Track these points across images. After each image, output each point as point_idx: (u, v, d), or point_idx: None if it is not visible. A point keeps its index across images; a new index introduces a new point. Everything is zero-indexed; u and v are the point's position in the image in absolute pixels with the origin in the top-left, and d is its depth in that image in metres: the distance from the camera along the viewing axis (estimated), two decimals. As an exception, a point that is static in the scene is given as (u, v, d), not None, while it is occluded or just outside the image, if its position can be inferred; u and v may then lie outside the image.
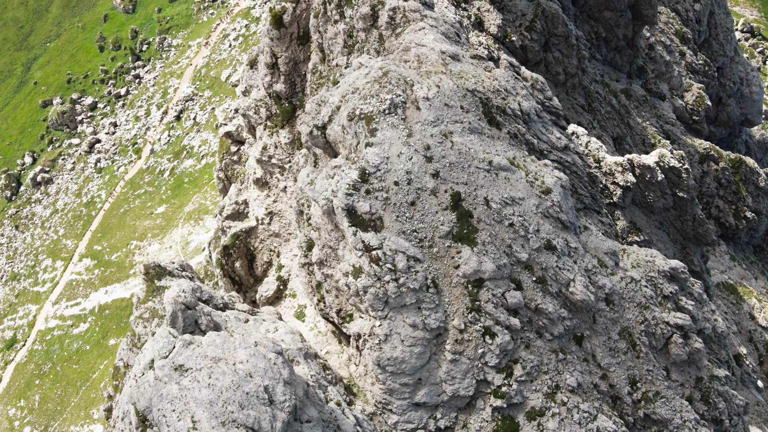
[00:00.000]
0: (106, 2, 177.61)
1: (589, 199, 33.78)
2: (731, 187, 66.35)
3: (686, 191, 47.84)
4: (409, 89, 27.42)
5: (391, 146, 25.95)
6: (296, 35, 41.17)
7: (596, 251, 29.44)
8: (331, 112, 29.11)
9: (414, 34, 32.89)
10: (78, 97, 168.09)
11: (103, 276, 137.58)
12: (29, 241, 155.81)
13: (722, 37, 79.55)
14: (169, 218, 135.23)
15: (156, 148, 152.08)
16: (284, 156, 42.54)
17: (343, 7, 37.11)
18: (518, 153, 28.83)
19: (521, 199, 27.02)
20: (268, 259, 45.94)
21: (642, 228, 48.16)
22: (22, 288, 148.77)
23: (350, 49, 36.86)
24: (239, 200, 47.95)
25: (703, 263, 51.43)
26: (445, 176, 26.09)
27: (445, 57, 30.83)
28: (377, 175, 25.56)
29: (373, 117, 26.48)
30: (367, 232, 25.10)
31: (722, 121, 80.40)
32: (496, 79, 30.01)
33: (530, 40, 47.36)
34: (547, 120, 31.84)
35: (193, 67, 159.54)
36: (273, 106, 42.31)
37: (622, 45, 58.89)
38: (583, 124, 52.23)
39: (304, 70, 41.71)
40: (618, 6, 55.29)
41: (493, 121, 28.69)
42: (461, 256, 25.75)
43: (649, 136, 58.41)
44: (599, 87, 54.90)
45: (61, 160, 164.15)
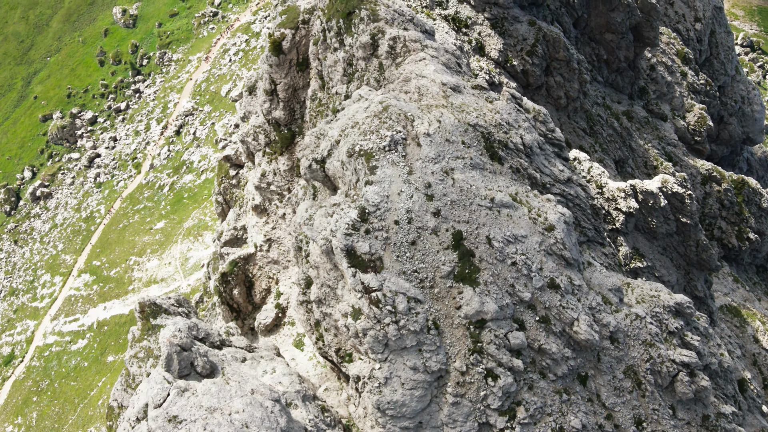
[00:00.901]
0: (107, 17, 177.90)
1: (593, 231, 33.26)
2: (734, 208, 65.88)
3: (689, 217, 47.34)
4: (410, 125, 26.96)
5: (391, 184, 25.46)
6: (295, 62, 40.79)
7: (600, 288, 28.88)
8: (330, 146, 28.64)
9: (415, 64, 32.49)
10: (78, 111, 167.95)
11: (101, 292, 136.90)
12: (28, 256, 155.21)
13: (723, 56, 79.31)
14: (169, 234, 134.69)
15: (156, 163, 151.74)
16: (283, 183, 42.06)
17: (343, 35, 36.75)
18: (521, 188, 28.33)
19: (524, 236, 26.51)
20: (267, 286, 45.39)
21: (645, 254, 47.63)
22: (20, 303, 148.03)
23: (350, 77, 36.47)
24: (238, 226, 47.44)
25: (707, 288, 50.86)
26: (447, 215, 25.59)
27: (446, 89, 30.40)
28: (377, 215, 25.05)
29: (373, 154, 26.00)
30: (367, 273, 24.56)
31: (724, 139, 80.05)
32: (497, 112, 29.56)
33: (531, 65, 47.00)
34: (550, 152, 31.37)
35: (193, 81, 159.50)
36: (272, 132, 41.88)
37: (623, 67, 58.57)
38: (585, 147, 51.80)
39: (303, 96, 41.31)
40: (619, 28, 54.97)
41: (495, 156, 28.22)
42: (463, 296, 25.20)
43: (651, 158, 57.97)
44: (601, 110, 54.51)
45: (60, 175, 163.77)
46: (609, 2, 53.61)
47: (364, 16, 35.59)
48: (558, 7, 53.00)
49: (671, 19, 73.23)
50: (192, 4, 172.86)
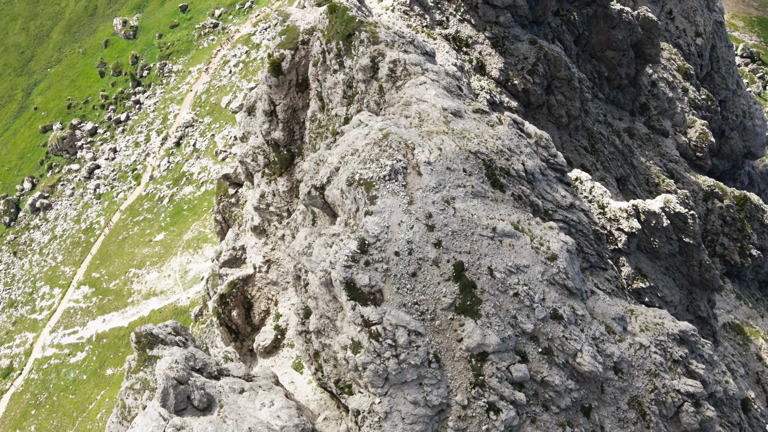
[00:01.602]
0: (107, 28, 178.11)
1: (596, 257, 32.87)
2: (736, 224, 65.51)
3: (692, 237, 46.93)
4: (410, 153, 26.60)
5: (391, 215, 25.08)
6: (295, 82, 40.48)
7: (604, 317, 28.46)
8: (330, 173, 28.28)
9: (415, 88, 32.17)
10: (78, 122, 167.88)
11: (101, 304, 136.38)
12: (27, 267, 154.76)
13: (724, 70, 79.14)
14: (168, 246, 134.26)
15: (155, 175, 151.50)
16: (282, 204, 41.68)
17: (343, 57, 36.45)
18: (522, 216, 27.95)
19: (526, 266, 26.10)
20: (266, 307, 44.95)
21: (647, 274, 47.20)
22: (19, 315, 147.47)
23: (350, 99, 36.15)
24: (236, 246, 47.04)
25: (710, 308, 50.40)
26: (448, 245, 25.19)
27: (447, 114, 30.06)
28: (377, 246, 24.65)
29: (372, 183, 25.63)
30: (367, 306, 24.14)
31: (725, 154, 79.77)
32: (499, 138, 29.21)
33: (533, 84, 46.72)
34: (552, 177, 31.00)
35: (193, 93, 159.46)
36: (271, 153, 41.54)
37: (624, 83, 58.30)
38: (587, 166, 51.46)
39: (302, 117, 40.99)
40: (620, 45, 54.72)
41: (496, 184, 27.85)
42: (464, 329, 24.78)
43: (653, 175, 57.62)
44: (602, 127, 54.19)
45: (60, 186, 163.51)
46: (610, 20, 53.39)
47: (364, 38, 35.31)
48: (559, 24, 52.80)
49: (672, 34, 73.07)
50: (192, 15, 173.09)
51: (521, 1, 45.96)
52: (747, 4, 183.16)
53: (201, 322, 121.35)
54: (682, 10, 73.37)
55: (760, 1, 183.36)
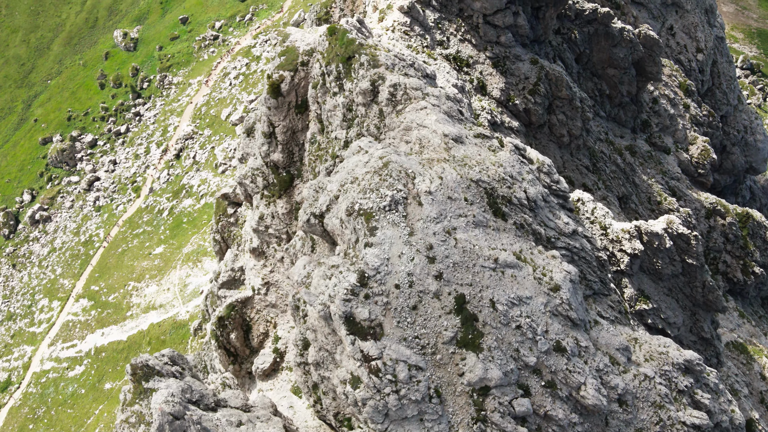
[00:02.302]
0: (108, 40, 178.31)
1: (599, 284, 32.42)
2: (739, 242, 65.08)
3: (695, 258, 46.48)
4: (411, 182, 26.21)
5: (391, 246, 24.65)
6: (294, 104, 40.15)
7: (608, 347, 27.99)
8: (329, 201, 27.88)
9: (416, 113, 31.81)
10: (78, 134, 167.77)
11: (99, 317, 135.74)
12: (26, 280, 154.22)
13: (725, 85, 78.93)
14: (168, 259, 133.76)
15: (155, 187, 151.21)
16: (281, 227, 41.27)
17: (343, 79, 36.13)
18: (525, 245, 27.53)
19: (528, 298, 25.66)
20: (265, 330, 44.46)
21: (650, 295, 46.73)
22: (17, 328, 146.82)
23: (350, 123, 35.81)
24: (235, 267, 46.60)
25: (713, 329, 49.89)
26: (449, 277, 24.76)
27: (448, 140, 29.69)
28: (377, 278, 24.21)
29: (372, 214, 25.22)
30: (367, 341, 23.68)
31: (727, 169, 79.47)
32: (501, 165, 28.83)
33: (534, 104, 46.41)
34: (554, 204, 30.60)
35: (193, 105, 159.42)
36: (270, 175, 41.16)
37: (626, 101, 58.03)
38: (588, 185, 51.08)
39: (302, 139, 40.64)
40: (622, 64, 54.48)
41: (498, 212, 27.44)
42: (466, 363, 24.31)
43: (654, 193, 57.23)
44: (604, 145, 53.85)
45: (59, 198, 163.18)
46: (611, 38, 53.16)
47: (364, 61, 34.99)
48: (560, 43, 52.57)
49: (673, 50, 72.88)
50: (193, 27, 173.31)
51: (522, 21, 45.71)
52: (746, 16, 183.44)
53: (200, 337, 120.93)
54: (683, 26, 73.21)
55: (760, 13, 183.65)
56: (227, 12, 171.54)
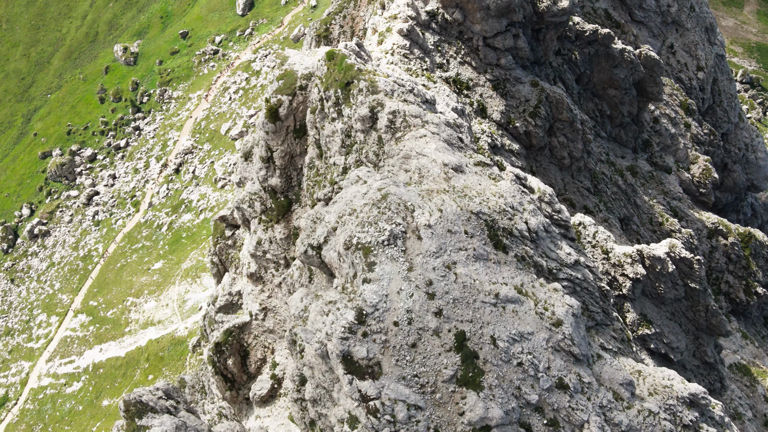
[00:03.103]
0: (108, 54, 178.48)
1: (601, 314, 31.89)
2: (741, 262, 64.57)
3: (698, 282, 45.96)
4: (410, 216, 25.74)
5: (390, 282, 24.15)
6: (292, 128, 39.77)
7: (611, 383, 27.42)
8: (327, 232, 27.40)
9: (415, 141, 31.40)
10: (77, 148, 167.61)
11: (98, 333, 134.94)
12: (24, 295, 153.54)
13: (726, 103, 78.64)
14: (166, 275, 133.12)
15: (154, 202, 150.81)
16: (279, 252, 40.78)
17: (341, 105, 35.75)
18: (526, 278, 27.02)
19: (530, 333, 25.12)
20: (262, 355, 43.88)
21: (653, 320, 46.16)
22: (15, 344, 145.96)
23: (348, 149, 35.39)
24: (233, 291, 46.06)
25: (717, 354, 49.28)
26: (449, 314, 24.24)
27: (448, 170, 29.26)
28: (375, 316, 23.70)
29: (371, 249, 24.74)
30: (365, 380, 23.13)
31: (728, 186, 79.04)
32: (501, 195, 28.37)
33: (534, 126, 46.04)
34: (556, 234, 30.12)
35: (193, 119, 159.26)
36: (268, 200, 40.72)
37: (627, 121, 57.69)
38: (590, 207, 50.64)
39: (300, 163, 40.22)
40: (623, 84, 54.17)
41: (499, 245, 26.95)
42: (466, 402, 23.74)
43: (656, 214, 56.78)
44: (605, 167, 53.45)
45: (59, 212, 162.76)
46: (612, 59, 52.87)
47: (362, 87, 34.63)
48: (560, 64, 52.27)
49: (673, 69, 72.65)
50: (193, 42, 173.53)
51: (522, 43, 45.41)
52: (746, 30, 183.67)
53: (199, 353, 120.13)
54: (684, 44, 73.03)
55: (759, 27, 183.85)
56: (227, 26, 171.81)
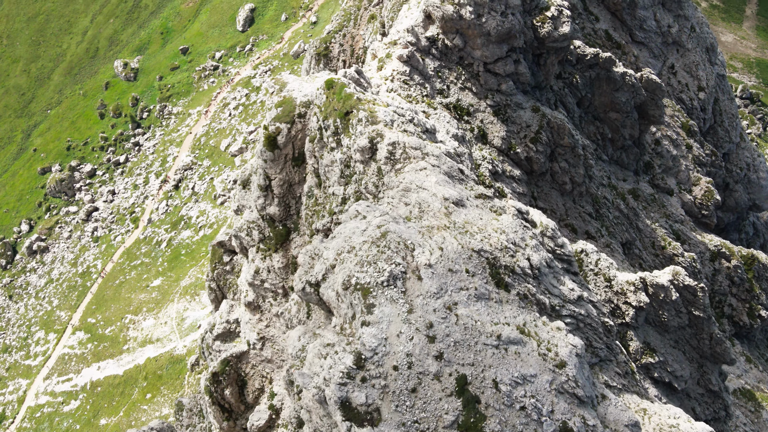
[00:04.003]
0: (108, 70, 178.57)
1: (605, 350, 31.28)
2: (744, 284, 63.94)
3: (702, 310, 45.37)
4: (410, 255, 25.20)
5: (389, 325, 23.58)
6: (291, 157, 39.31)
7: (616, 424, 26.78)
8: (325, 270, 26.85)
9: (415, 174, 30.93)
10: (77, 164, 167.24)
11: (96, 351, 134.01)
12: (23, 311, 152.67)
13: (727, 123, 78.32)
14: (165, 292, 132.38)
15: (153, 218, 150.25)
16: (278, 281, 40.20)
17: (340, 135, 35.32)
18: (528, 317, 26.45)
19: (533, 376, 24.52)
20: (260, 385, 43.20)
21: (656, 348, 45.53)
22: (13, 361, 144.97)
23: (347, 179, 34.91)
24: (230, 319, 45.45)
25: (721, 381, 48.59)
26: (450, 357, 23.65)
27: (449, 204, 28.76)
28: (374, 360, 23.11)
29: (370, 290, 24.19)
30: (363, 427, 22.51)
31: (730, 206, 78.57)
32: (503, 231, 27.85)
33: (536, 152, 45.59)
34: (559, 269, 29.57)
35: (192, 135, 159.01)
36: (266, 228, 40.20)
37: (628, 144, 57.27)
38: (592, 232, 50.11)
39: (299, 192, 39.73)
40: (624, 107, 53.80)
41: (501, 283, 26.40)
42: (468, 448, 23.11)
43: (658, 238, 56.23)
44: (606, 191, 52.96)
45: (57, 228, 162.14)
46: (613, 82, 52.53)
47: (362, 117, 34.21)
48: (561, 87, 51.92)
49: (674, 89, 72.37)
50: (193, 57, 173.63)
51: (523, 69, 45.07)
52: (745, 45, 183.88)
53: (197, 372, 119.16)
54: (684, 64, 72.79)
55: (758, 43, 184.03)
56: (227, 42, 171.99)
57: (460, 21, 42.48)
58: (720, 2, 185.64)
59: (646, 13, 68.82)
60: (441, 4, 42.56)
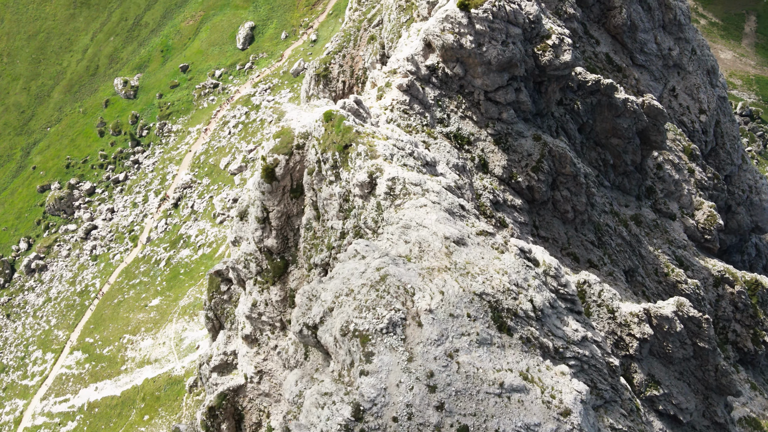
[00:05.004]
0: (108, 88, 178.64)
1: (610, 392, 30.58)
2: (748, 310, 63.19)
3: (707, 341, 44.67)
4: (410, 300, 24.57)
5: (389, 374, 22.91)
6: (289, 188, 38.78)
7: (622, 472, 26.05)
8: (323, 312, 26.21)
9: (415, 210, 30.36)
10: (76, 182, 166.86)
11: (93, 371, 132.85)
12: (20, 330, 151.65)
13: (729, 145, 77.92)
14: (164, 312, 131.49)
15: (152, 236, 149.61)
16: (275, 314, 39.53)
17: (339, 168, 34.80)
18: (532, 361, 25.77)
19: (537, 425, 23.81)
20: (258, 419, 42.39)
21: (661, 380, 44.79)
22: (10, 381, 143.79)
23: (346, 213, 34.34)
24: (228, 350, 44.72)
25: (727, 414, 47.77)
26: (451, 408, 22.96)
27: (449, 243, 28.16)
28: (373, 411, 22.42)
29: (369, 337, 23.54)
30: (362, 483, 21.82)
31: (732, 229, 78.02)
32: (505, 272, 27.23)
33: (537, 181, 45.07)
34: (562, 309, 28.93)
35: (192, 153, 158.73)
36: (263, 261, 39.58)
37: (630, 170, 56.78)
38: (594, 261, 49.48)
39: (297, 224, 39.15)
40: (626, 134, 53.36)
41: (503, 327, 25.75)
42: (470, 503, 22.37)
43: (661, 265, 55.59)
44: (608, 218, 52.38)
45: (56, 247, 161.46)
46: (615, 108, 52.11)
47: (361, 151, 33.71)
48: (563, 114, 51.49)
49: (676, 112, 72.02)
50: (193, 75, 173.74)
51: (524, 97, 44.65)
52: (744, 63, 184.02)
53: (195, 394, 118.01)
54: (685, 87, 72.47)
55: (758, 60, 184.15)
56: (227, 60, 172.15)
57: (460, 50, 42.09)
58: (719, 19, 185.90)
59: (647, 36, 68.56)
60: (441, 33, 42.19)
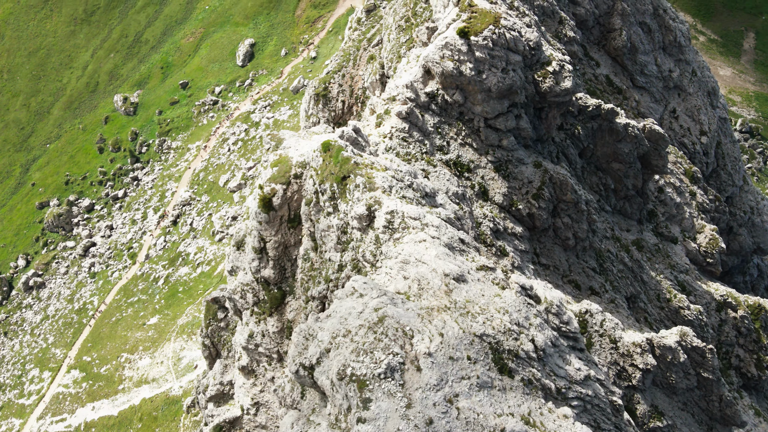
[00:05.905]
0: (108, 104, 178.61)
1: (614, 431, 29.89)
2: (751, 335, 62.45)
3: (711, 372, 44.00)
4: (409, 343, 23.98)
5: (387, 422, 22.28)
6: (287, 218, 38.27)
7: None
8: (320, 353, 25.60)
9: (414, 245, 29.83)
10: (75, 198, 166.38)
11: (90, 390, 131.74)
12: (17, 348, 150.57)
13: (730, 166, 77.48)
14: (162, 330, 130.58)
15: (151, 254, 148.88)
16: (272, 345, 38.90)
17: (337, 200, 34.30)
18: (533, 404, 25.13)
19: (539, 472, 23.15)
20: (254, 452, 41.64)
21: (664, 411, 44.06)
22: (6, 400, 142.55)
23: (344, 246, 33.80)
24: (224, 380, 44.02)
25: (732, 444, 47.01)
26: (451, 456, 22.32)
27: (449, 281, 27.60)
28: (371, 461, 21.80)
29: (366, 382, 22.93)
30: None
31: (734, 250, 77.41)
32: (506, 311, 26.65)
33: (538, 208, 44.57)
34: (564, 348, 28.32)
35: (191, 170, 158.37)
36: (260, 291, 39.00)
37: (631, 194, 56.29)
38: (595, 288, 48.87)
39: (294, 254, 38.61)
40: (627, 158, 52.93)
41: (504, 369, 25.14)
42: None
43: (664, 290, 54.96)
44: (610, 243, 51.84)
45: (54, 264, 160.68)
46: (616, 133, 51.71)
47: (359, 183, 33.24)
48: (563, 139, 51.09)
49: (676, 133, 71.65)
50: (193, 92, 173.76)
51: (525, 123, 44.25)
52: (744, 79, 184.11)
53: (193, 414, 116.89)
54: (686, 108, 72.17)
55: (757, 77, 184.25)
56: (227, 77, 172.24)
57: (460, 77, 41.72)
58: (718, 36, 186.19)
59: (647, 58, 68.37)
60: (441, 61, 41.84)
